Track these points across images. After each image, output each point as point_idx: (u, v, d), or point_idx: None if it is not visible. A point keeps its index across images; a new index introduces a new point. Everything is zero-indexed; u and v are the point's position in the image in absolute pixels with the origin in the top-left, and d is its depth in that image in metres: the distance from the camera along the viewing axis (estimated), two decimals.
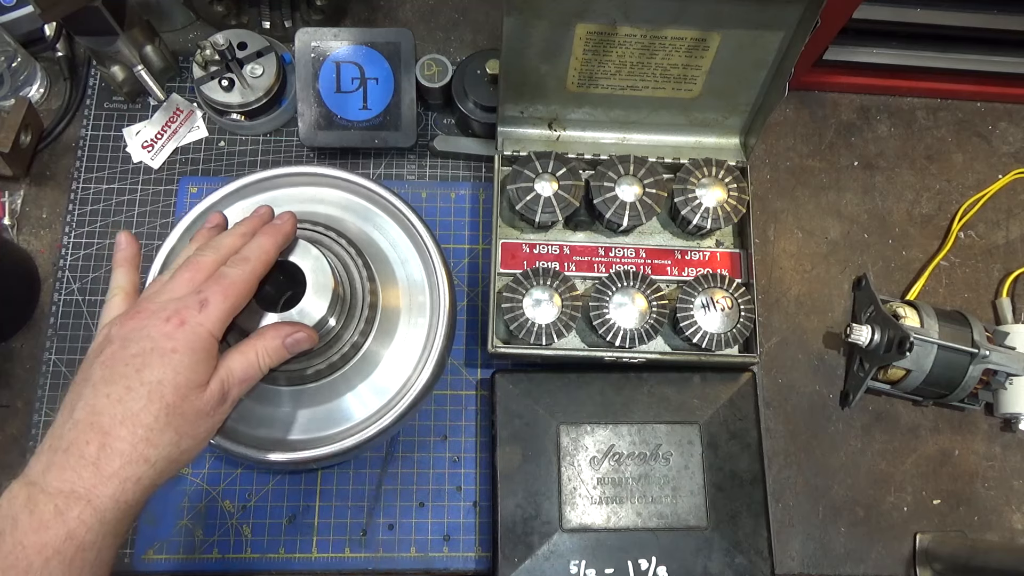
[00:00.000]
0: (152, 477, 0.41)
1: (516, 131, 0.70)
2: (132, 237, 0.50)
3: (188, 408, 0.42)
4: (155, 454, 0.41)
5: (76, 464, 0.40)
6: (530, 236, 0.68)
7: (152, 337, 0.42)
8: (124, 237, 0.50)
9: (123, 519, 0.41)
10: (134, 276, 0.49)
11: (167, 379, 0.41)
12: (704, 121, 0.70)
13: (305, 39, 0.69)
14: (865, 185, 0.76)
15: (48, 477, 0.40)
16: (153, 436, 0.41)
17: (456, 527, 0.65)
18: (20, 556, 0.38)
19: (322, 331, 0.50)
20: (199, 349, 0.43)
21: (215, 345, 0.44)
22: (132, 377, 0.41)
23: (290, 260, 0.49)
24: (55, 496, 0.39)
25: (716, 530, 0.62)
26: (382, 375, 0.55)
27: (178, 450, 0.42)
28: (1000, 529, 0.68)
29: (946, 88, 0.77)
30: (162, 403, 0.41)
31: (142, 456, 0.41)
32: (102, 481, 0.39)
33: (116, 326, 0.44)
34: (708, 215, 0.66)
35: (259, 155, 0.74)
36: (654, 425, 0.64)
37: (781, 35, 0.60)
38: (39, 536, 0.38)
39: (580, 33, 0.60)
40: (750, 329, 0.64)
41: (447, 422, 0.67)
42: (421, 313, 0.57)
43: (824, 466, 0.68)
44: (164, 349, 0.42)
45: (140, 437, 0.41)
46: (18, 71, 0.71)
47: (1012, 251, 0.75)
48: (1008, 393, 0.67)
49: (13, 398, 0.66)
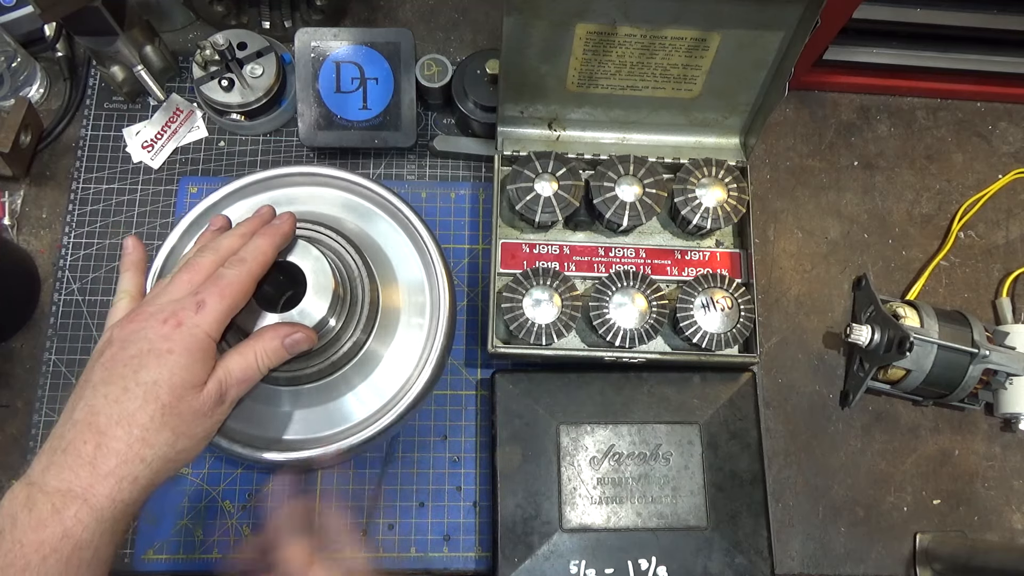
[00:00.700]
0: (149, 476, 0.41)
1: (516, 131, 0.70)
2: (139, 242, 0.51)
3: (184, 408, 0.42)
4: (151, 453, 0.41)
5: (73, 463, 0.40)
6: (530, 236, 0.68)
7: (149, 339, 0.43)
8: (131, 242, 0.51)
9: (121, 518, 0.41)
10: (140, 280, 0.49)
11: (163, 379, 0.42)
12: (704, 121, 0.70)
13: (305, 39, 0.69)
14: (865, 185, 0.76)
15: (47, 477, 0.40)
16: (149, 436, 0.41)
17: (456, 527, 0.65)
18: (18, 554, 0.38)
19: (322, 331, 0.50)
20: (195, 350, 0.43)
21: (212, 346, 0.44)
22: (129, 378, 0.42)
23: (290, 260, 0.49)
24: (52, 495, 0.39)
25: (716, 530, 0.62)
26: (382, 375, 0.55)
27: (174, 450, 0.43)
28: (1000, 529, 0.68)
29: (946, 88, 0.78)
30: (158, 403, 0.41)
31: (138, 455, 0.41)
32: (98, 480, 0.40)
33: (117, 328, 0.44)
34: (708, 215, 0.66)
35: (259, 155, 0.74)
36: (654, 425, 0.64)
37: (781, 35, 0.60)
38: (37, 534, 0.38)
39: (580, 33, 0.60)
40: (750, 329, 0.64)
41: (447, 422, 0.67)
42: (421, 313, 0.57)
43: (824, 466, 0.68)
44: (160, 350, 0.42)
45: (136, 437, 0.41)
46: (18, 71, 0.71)
47: (1012, 251, 0.75)
48: (1008, 393, 0.67)
49: (13, 398, 0.66)
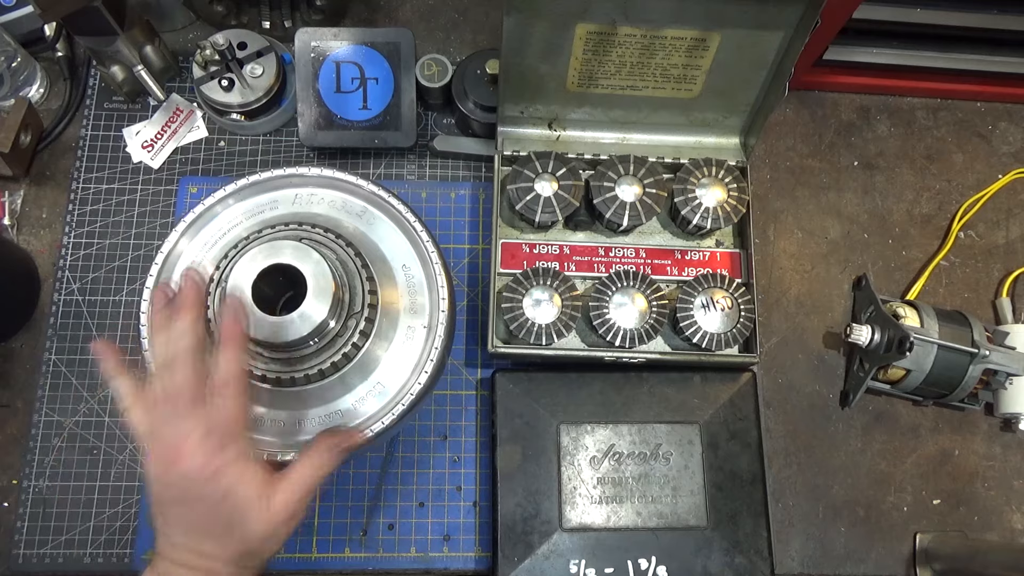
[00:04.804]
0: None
1: (516, 131, 0.70)
2: (107, 344, 0.50)
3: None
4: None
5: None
6: (530, 236, 0.68)
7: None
8: (100, 346, 0.50)
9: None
10: (131, 379, 0.49)
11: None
12: (704, 121, 0.70)
13: (305, 39, 0.69)
14: (865, 185, 0.76)
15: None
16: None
17: (456, 527, 0.65)
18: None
19: (322, 332, 0.50)
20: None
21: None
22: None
23: (290, 263, 0.49)
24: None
25: (716, 530, 0.62)
26: (382, 375, 0.55)
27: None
28: (1000, 529, 0.68)
29: (946, 88, 0.77)
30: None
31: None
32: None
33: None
34: (708, 215, 0.66)
35: (259, 155, 0.74)
36: (654, 425, 0.64)
37: (781, 35, 0.60)
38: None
39: (580, 33, 0.60)
40: (750, 329, 0.64)
41: (447, 422, 0.67)
42: (421, 313, 0.57)
43: (824, 466, 0.68)
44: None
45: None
46: (18, 71, 0.71)
47: (1012, 251, 0.75)
48: (1008, 393, 0.67)
49: (13, 398, 0.66)
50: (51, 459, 0.65)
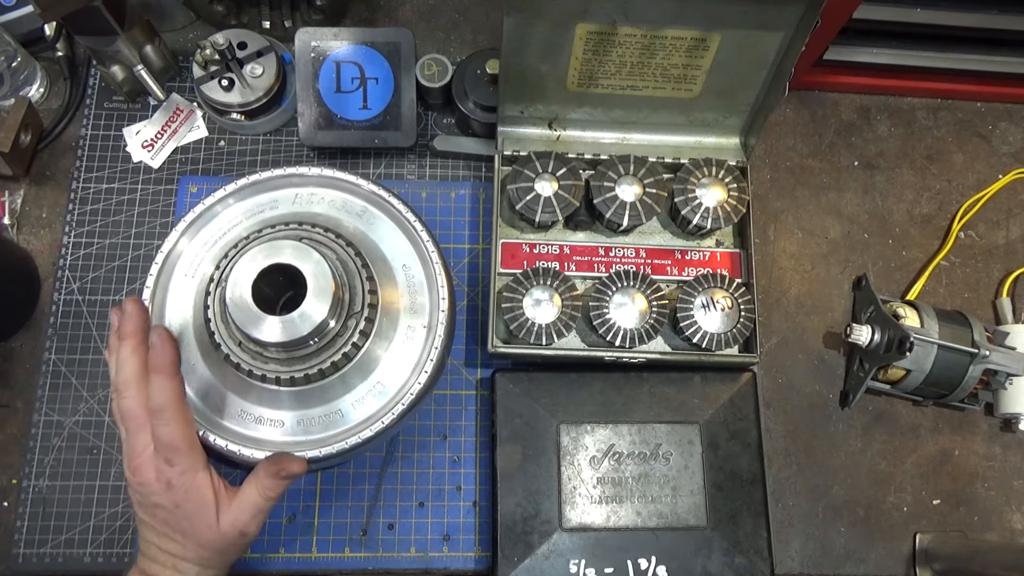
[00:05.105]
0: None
1: (516, 131, 0.70)
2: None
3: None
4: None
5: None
6: (530, 236, 0.68)
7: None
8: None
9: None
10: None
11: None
12: (704, 121, 0.70)
13: (305, 39, 0.69)
14: (865, 185, 0.76)
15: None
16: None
17: (456, 527, 0.65)
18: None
19: (322, 332, 0.50)
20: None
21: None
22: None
23: (290, 263, 0.49)
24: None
25: (716, 530, 0.62)
26: (382, 375, 0.55)
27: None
28: (1000, 529, 0.68)
29: (946, 88, 0.77)
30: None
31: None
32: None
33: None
34: (708, 215, 0.66)
35: (259, 155, 0.74)
36: (654, 425, 0.64)
37: (781, 35, 0.60)
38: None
39: (580, 33, 0.60)
40: (750, 329, 0.64)
41: (447, 422, 0.67)
42: (421, 313, 0.57)
43: (824, 466, 0.68)
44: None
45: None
46: (18, 71, 0.71)
47: (1012, 251, 0.75)
48: (1008, 393, 0.67)
49: (13, 398, 0.66)
50: (51, 459, 0.65)
